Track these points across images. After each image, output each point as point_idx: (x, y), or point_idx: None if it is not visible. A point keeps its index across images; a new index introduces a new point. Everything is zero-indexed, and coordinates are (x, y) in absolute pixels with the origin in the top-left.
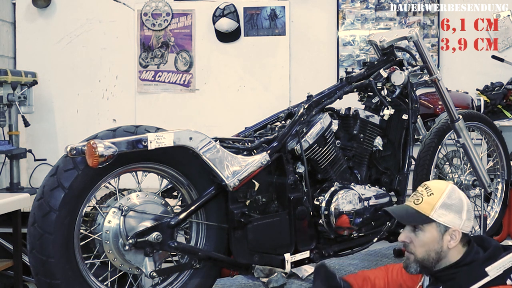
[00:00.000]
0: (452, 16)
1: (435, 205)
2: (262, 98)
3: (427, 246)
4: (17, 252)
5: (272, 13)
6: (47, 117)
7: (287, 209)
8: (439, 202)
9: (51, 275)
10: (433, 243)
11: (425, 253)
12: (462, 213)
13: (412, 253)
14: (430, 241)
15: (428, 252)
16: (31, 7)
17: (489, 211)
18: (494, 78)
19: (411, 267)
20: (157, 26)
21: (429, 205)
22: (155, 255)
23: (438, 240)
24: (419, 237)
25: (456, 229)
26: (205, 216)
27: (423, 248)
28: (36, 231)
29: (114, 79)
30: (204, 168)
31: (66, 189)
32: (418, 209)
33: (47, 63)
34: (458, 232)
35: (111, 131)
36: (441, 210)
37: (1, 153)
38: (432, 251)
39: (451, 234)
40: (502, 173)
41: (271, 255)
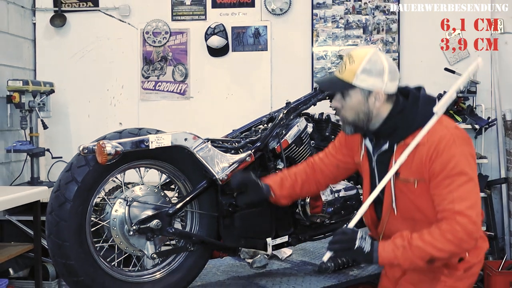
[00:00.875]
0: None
1: (356, 72)
2: (247, 104)
3: (354, 109)
4: (37, 237)
5: (256, 32)
6: (63, 121)
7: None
8: (359, 69)
9: (66, 256)
10: (359, 106)
11: (355, 115)
12: (384, 76)
13: (345, 117)
14: (357, 104)
15: (356, 114)
16: (49, 26)
17: None
18: (447, 87)
19: (346, 129)
20: (157, 43)
21: (351, 73)
22: (156, 240)
23: (363, 103)
24: (347, 102)
25: (378, 91)
26: (198, 206)
27: (351, 111)
28: (53, 219)
29: (120, 88)
30: (197, 165)
31: (79, 182)
32: (342, 78)
33: (62, 75)
34: (381, 93)
35: (117, 133)
36: (362, 76)
37: (23, 152)
38: (361, 113)
39: (375, 96)
40: None
41: (255, 239)
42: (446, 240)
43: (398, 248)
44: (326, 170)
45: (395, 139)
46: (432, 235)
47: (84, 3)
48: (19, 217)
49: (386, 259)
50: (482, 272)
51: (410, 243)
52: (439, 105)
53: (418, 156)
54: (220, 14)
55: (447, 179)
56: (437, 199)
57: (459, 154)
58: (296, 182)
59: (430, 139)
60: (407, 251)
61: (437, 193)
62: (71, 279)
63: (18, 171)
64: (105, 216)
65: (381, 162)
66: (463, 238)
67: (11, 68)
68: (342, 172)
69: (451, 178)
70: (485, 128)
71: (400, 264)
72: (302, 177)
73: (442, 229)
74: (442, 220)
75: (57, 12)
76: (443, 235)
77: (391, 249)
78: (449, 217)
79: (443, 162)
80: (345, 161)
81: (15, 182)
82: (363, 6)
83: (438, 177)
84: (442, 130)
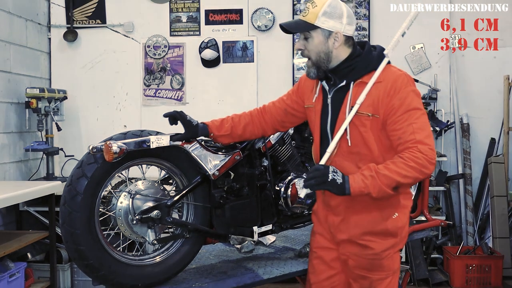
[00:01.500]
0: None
1: (318, 14)
2: (236, 109)
3: (316, 49)
4: (51, 225)
5: (244, 46)
6: (74, 123)
7: (255, 193)
8: (321, 11)
9: (77, 242)
10: (321, 45)
11: (317, 55)
12: (342, 19)
13: (308, 58)
14: (318, 44)
15: (318, 53)
16: (63, 41)
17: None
18: None
19: (310, 72)
20: (157, 55)
21: (313, 15)
22: (156, 228)
23: (324, 43)
24: (310, 42)
25: (338, 31)
26: (193, 198)
27: (314, 51)
28: (66, 210)
29: (125, 95)
30: (192, 162)
31: (88, 178)
32: (305, 19)
33: (74, 83)
34: (340, 34)
35: (122, 134)
36: (323, 18)
37: (40, 151)
38: (322, 53)
39: (334, 37)
40: None
41: (243, 228)
42: (409, 167)
43: (367, 178)
44: (275, 113)
45: (352, 77)
46: (396, 164)
47: (93, 20)
48: (36, 208)
49: (357, 188)
50: (442, 256)
51: (378, 172)
52: (389, 48)
53: (375, 93)
54: (212, 30)
55: (406, 113)
56: (398, 132)
57: (412, 92)
58: (238, 123)
59: (386, 78)
60: (376, 180)
61: (397, 127)
62: (82, 263)
63: (35, 168)
64: (112, 207)
65: (336, 98)
66: (424, 164)
67: (29, 78)
68: (289, 118)
69: (409, 112)
70: (444, 130)
71: (370, 192)
72: (246, 119)
73: (405, 158)
74: (404, 150)
75: (70, 28)
76: (407, 163)
77: (360, 180)
78: (411, 146)
79: (402, 98)
80: (293, 107)
81: (33, 177)
82: None
83: (397, 112)
84: (396, 71)
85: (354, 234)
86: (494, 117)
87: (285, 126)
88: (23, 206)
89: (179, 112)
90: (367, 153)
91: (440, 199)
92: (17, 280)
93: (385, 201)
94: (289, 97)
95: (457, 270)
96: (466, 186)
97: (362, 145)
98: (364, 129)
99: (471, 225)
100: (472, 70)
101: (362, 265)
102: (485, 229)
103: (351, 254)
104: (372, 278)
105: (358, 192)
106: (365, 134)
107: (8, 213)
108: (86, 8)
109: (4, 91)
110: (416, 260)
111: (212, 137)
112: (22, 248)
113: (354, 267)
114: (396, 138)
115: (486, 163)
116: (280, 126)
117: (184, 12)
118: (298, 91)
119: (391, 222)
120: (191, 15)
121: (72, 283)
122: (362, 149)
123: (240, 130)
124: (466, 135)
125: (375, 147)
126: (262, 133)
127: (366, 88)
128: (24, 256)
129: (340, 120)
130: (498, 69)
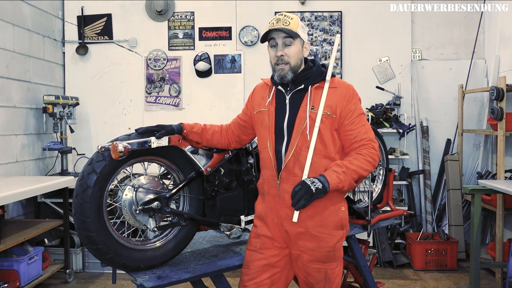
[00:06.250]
0: (350, 62)
1: (298, 24)
2: (226, 114)
3: (296, 55)
4: (66, 215)
5: (233, 58)
6: (85, 126)
7: (242, 186)
8: (299, 23)
9: (88, 229)
10: (299, 52)
11: (296, 61)
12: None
13: (287, 63)
14: (298, 51)
15: (297, 60)
16: (75, 54)
17: (374, 188)
18: (378, 101)
19: (287, 75)
20: (157, 67)
21: (295, 25)
22: (156, 217)
23: (301, 51)
24: (291, 49)
25: (307, 43)
26: (189, 191)
27: (294, 57)
28: (78, 201)
29: (129, 101)
30: (188, 160)
31: (97, 173)
32: (290, 28)
33: (85, 91)
34: (308, 44)
35: (127, 136)
36: (300, 28)
37: (55, 150)
38: (299, 59)
39: (305, 46)
40: (383, 162)
41: (232, 216)
42: (368, 162)
43: (340, 174)
44: (233, 128)
45: (310, 82)
46: (359, 160)
47: (102, 36)
48: (52, 200)
49: (334, 185)
50: (404, 242)
51: (348, 168)
52: (329, 72)
53: (333, 95)
54: (205, 45)
55: (358, 117)
56: (354, 132)
57: (359, 100)
58: (208, 129)
59: (340, 85)
60: (347, 175)
61: (354, 127)
62: (92, 247)
63: (51, 165)
64: (118, 199)
65: (295, 98)
66: (376, 159)
67: (46, 86)
68: (243, 131)
69: (360, 116)
70: (407, 132)
71: (344, 186)
72: (216, 128)
73: (363, 154)
74: (361, 147)
75: (81, 43)
76: (365, 159)
77: (335, 176)
78: (366, 144)
79: (355, 103)
80: (244, 119)
81: (49, 173)
82: (314, 39)
83: (353, 115)
84: (345, 81)
85: (311, 225)
86: (450, 120)
87: (242, 141)
88: (41, 198)
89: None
90: (321, 148)
91: (403, 192)
92: (36, 262)
93: (336, 195)
94: (243, 112)
95: (417, 253)
96: (426, 181)
97: (319, 141)
98: (323, 125)
99: (430, 215)
100: (431, 80)
101: (317, 258)
102: (442, 218)
103: (306, 249)
104: (326, 268)
105: (335, 188)
106: (323, 130)
107: (28, 204)
108: (96, 26)
109: (24, 98)
110: (382, 245)
111: (185, 133)
112: (40, 235)
113: (309, 261)
114: (353, 137)
115: (443, 160)
116: (238, 140)
117: (181, 30)
118: (251, 102)
119: (341, 214)
120: (186, 32)
121: (83, 264)
122: (318, 144)
123: (209, 135)
124: (426, 136)
125: (330, 143)
126: (227, 144)
127: (324, 91)
128: (41, 241)
129: (299, 118)
130: (453, 79)
